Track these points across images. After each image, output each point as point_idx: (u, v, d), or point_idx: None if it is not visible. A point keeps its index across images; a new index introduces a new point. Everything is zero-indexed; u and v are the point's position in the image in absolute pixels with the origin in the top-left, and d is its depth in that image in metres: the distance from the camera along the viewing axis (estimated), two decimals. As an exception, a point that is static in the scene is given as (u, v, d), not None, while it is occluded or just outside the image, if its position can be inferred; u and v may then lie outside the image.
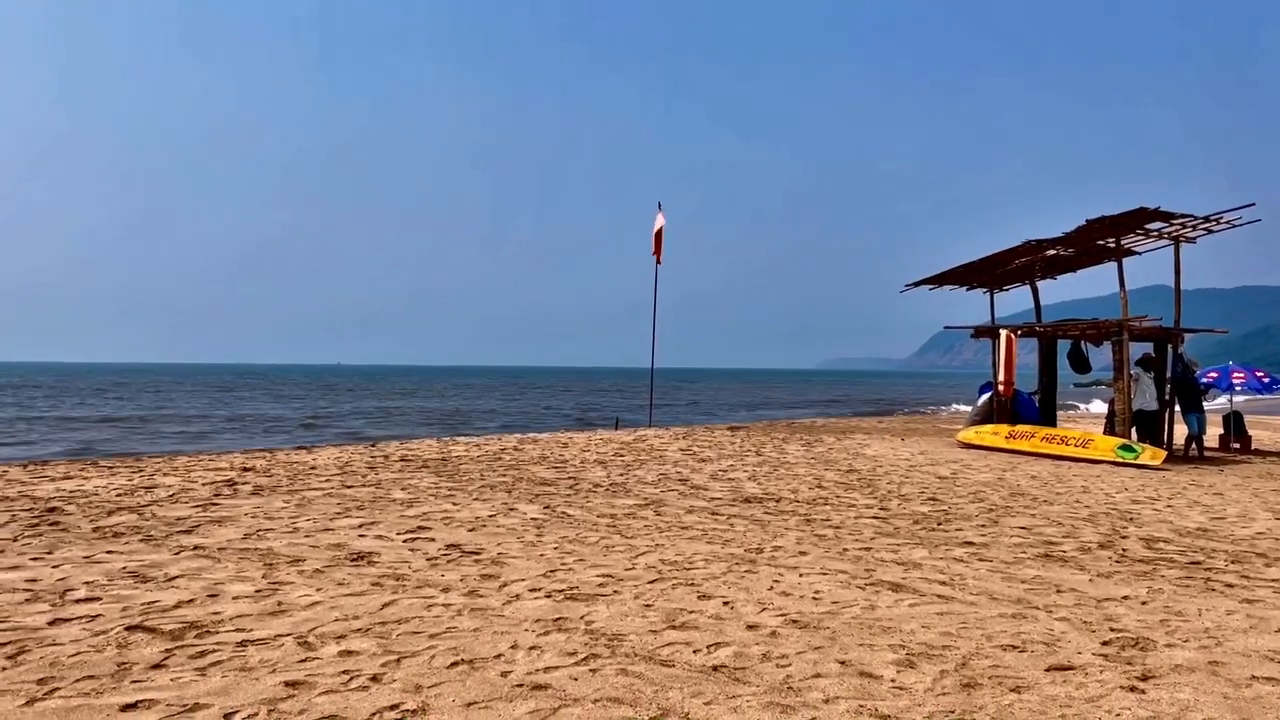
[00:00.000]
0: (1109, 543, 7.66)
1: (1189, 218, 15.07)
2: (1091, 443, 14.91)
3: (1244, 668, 4.42)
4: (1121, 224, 15.16)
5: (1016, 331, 17.33)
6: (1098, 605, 5.57)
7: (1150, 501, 10.21)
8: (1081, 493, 10.76)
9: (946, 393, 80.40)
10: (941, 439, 17.88)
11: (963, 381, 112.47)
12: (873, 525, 8.17)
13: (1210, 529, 8.55)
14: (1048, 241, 16.35)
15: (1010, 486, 11.12)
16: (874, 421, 24.81)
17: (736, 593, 5.61)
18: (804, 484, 10.78)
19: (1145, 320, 15.77)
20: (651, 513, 8.48)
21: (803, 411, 47.24)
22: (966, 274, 18.67)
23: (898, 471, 12.31)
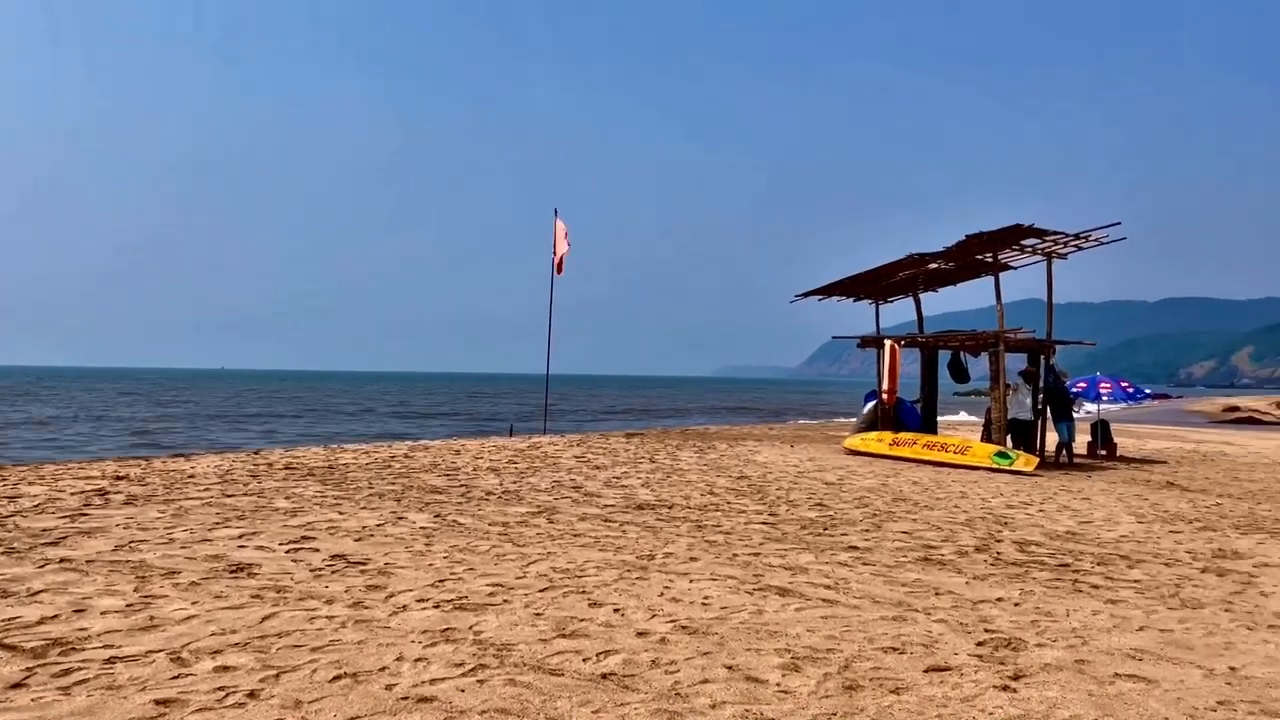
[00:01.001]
0: (985, 546, 7.96)
1: (1060, 235, 15.82)
2: (969, 450, 15.49)
3: (1108, 666, 4.65)
4: (999, 240, 15.82)
5: (900, 342, 17.88)
6: (974, 607, 5.79)
7: (1023, 506, 10.65)
8: (960, 498, 11.16)
9: (835, 400, 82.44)
10: (829, 446, 18.31)
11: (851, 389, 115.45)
12: (762, 531, 8.30)
13: (1078, 532, 8.97)
14: (930, 255, 16.94)
15: (893, 492, 11.46)
16: (765, 428, 25.26)
17: (627, 600, 5.62)
18: (696, 491, 10.89)
19: (1020, 332, 16.48)
20: (544, 520, 8.44)
21: (698, 418, 47.73)
22: (853, 286, 19.19)
23: (787, 478, 12.54)
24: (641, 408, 65.96)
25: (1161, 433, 31.06)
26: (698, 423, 36.75)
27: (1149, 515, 10.34)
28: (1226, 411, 62.64)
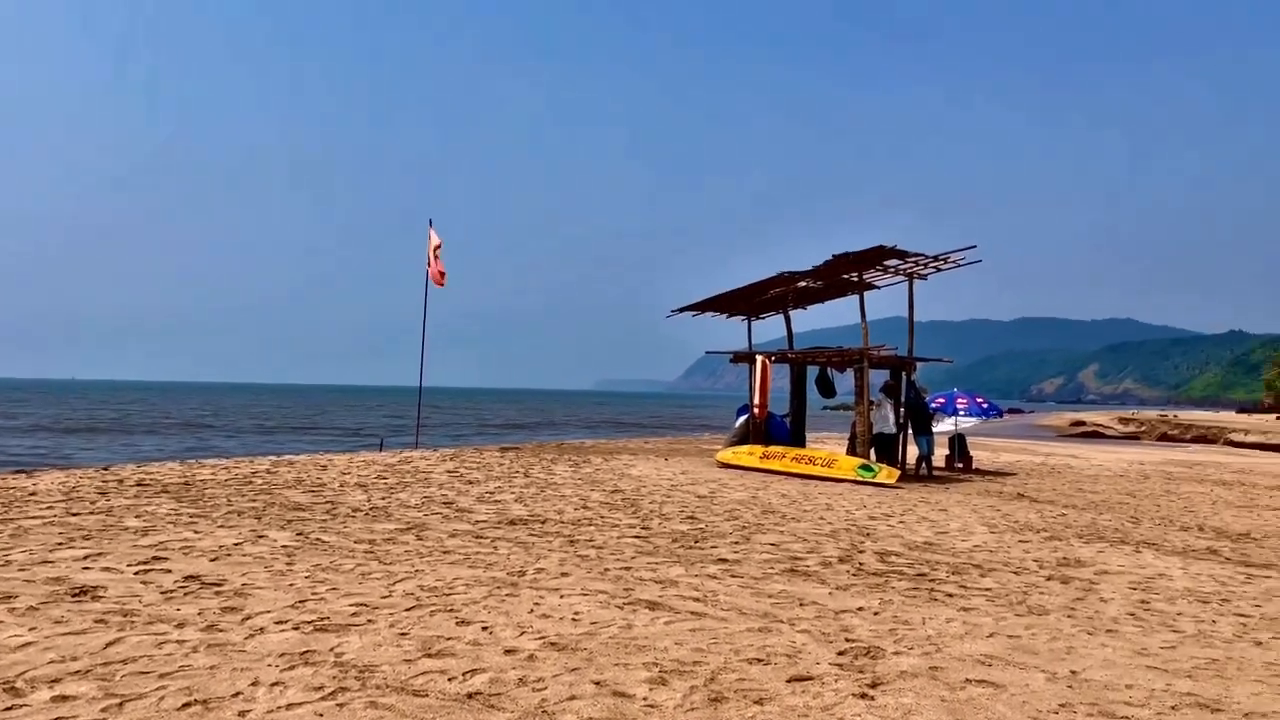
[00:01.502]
0: (848, 557, 8.20)
1: (921, 256, 16.49)
2: (835, 463, 15.95)
3: (960, 672, 4.85)
4: (863, 260, 16.39)
5: (771, 358, 18.30)
6: (836, 617, 5.95)
7: (885, 518, 11.03)
8: (825, 510, 11.47)
9: (710, 414, 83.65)
10: (702, 459, 18.55)
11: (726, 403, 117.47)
12: (634, 545, 8.34)
13: (935, 542, 9.34)
14: (799, 274, 17.41)
15: (762, 505, 11.69)
16: (641, 442, 25.41)
17: (496, 617, 5.56)
18: (570, 505, 10.86)
19: (883, 349, 17.10)
20: (413, 537, 8.27)
21: (574, 432, 47.69)
22: (727, 302, 19.55)
23: (660, 491, 12.65)
24: (518, 421, 65.51)
25: (1014, 446, 32.68)
26: (574, 436, 36.70)
27: (1001, 525, 10.85)
28: (1073, 426, 66.37)
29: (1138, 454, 32.23)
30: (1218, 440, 48.81)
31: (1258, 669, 5.18)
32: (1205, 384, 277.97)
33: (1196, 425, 58.29)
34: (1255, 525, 12.46)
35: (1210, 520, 12.78)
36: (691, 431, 43.80)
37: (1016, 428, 62.66)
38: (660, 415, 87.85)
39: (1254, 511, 14.24)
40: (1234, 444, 45.52)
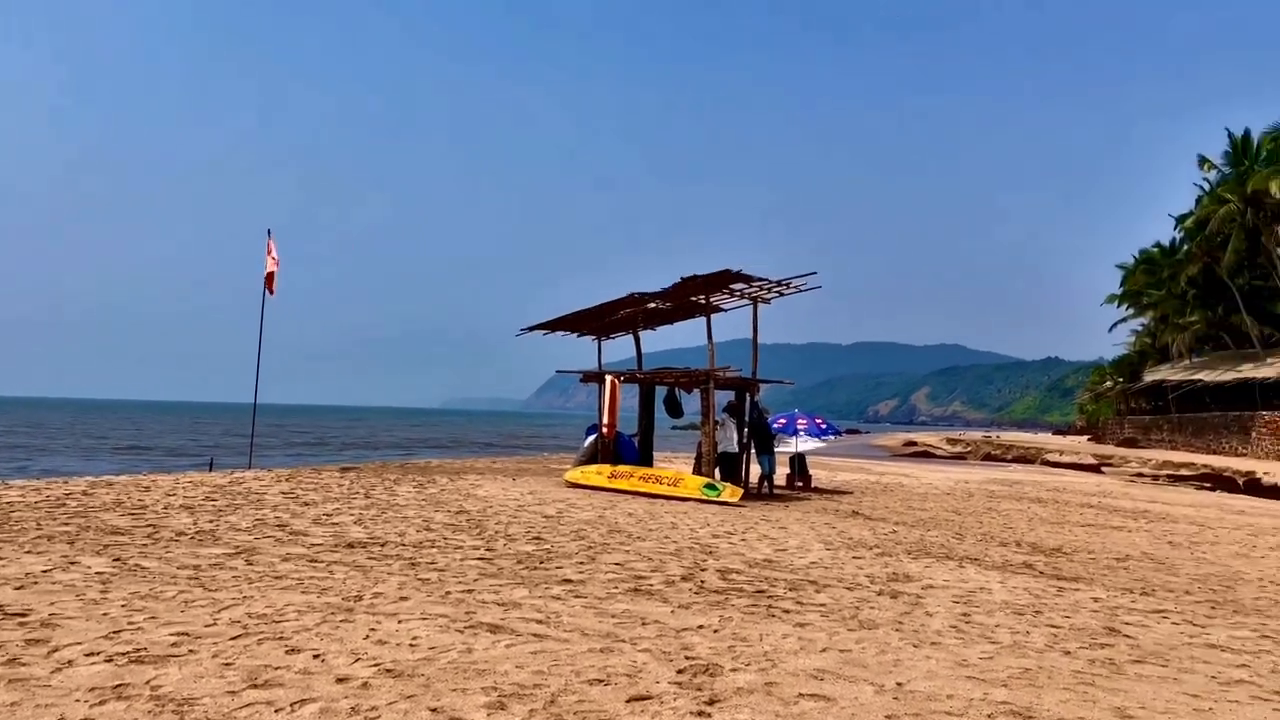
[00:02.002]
0: (691, 575, 8.32)
1: (765, 281, 16.98)
2: (682, 482, 16.19)
3: (794, 686, 4.98)
4: (710, 283, 16.74)
5: (620, 377, 18.43)
6: (677, 635, 6.01)
7: (727, 536, 11.25)
8: (670, 529, 11.61)
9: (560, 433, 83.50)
10: (551, 479, 18.47)
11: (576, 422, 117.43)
12: (477, 567, 8.22)
13: (775, 560, 9.58)
14: (649, 295, 17.64)
15: (609, 524, 11.73)
16: (489, 461, 25.09)
17: (329, 644, 5.36)
18: (412, 527, 10.61)
19: (729, 371, 17.49)
20: (242, 562, 7.89)
21: (420, 451, 46.66)
22: (577, 321, 19.61)
23: (506, 511, 12.51)
24: (362, 440, 63.64)
25: (851, 465, 33.97)
26: (420, 456, 35.91)
27: (836, 542, 11.24)
28: (906, 446, 69.55)
29: (964, 473, 34.05)
30: (1035, 460, 52.09)
31: (1066, 677, 5.53)
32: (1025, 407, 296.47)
33: (1017, 446, 62.09)
34: (1066, 540, 13.34)
35: (1027, 536, 13.61)
36: (541, 451, 43.58)
37: (854, 447, 65.19)
38: (510, 434, 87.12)
39: (1065, 528, 15.25)
40: (1049, 464, 48.67)
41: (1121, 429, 69.03)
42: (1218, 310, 59.26)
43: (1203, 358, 61.16)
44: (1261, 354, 54.10)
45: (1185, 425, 58.17)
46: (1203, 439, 54.69)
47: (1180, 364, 62.68)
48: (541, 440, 67.78)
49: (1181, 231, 62.30)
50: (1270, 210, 49.81)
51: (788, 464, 21.06)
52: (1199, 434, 55.59)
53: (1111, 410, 75.88)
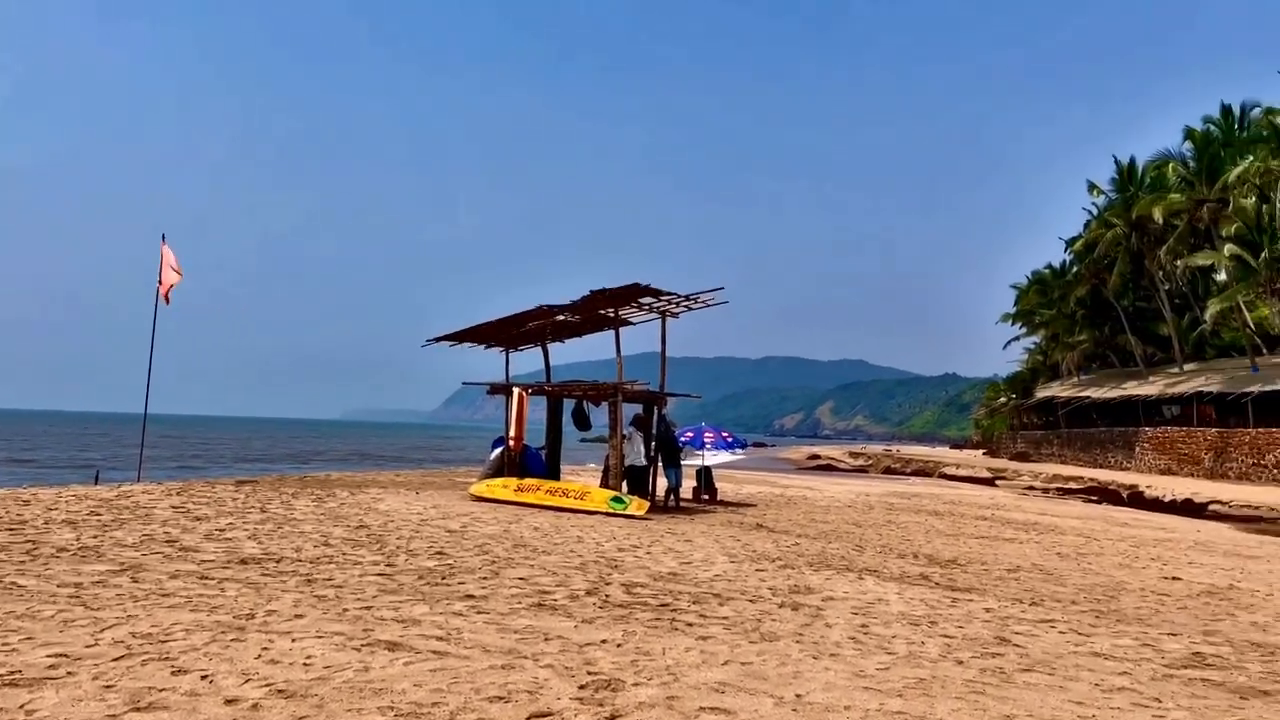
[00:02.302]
0: (595, 589, 8.28)
1: (673, 295, 17.11)
2: (588, 495, 16.15)
3: (695, 700, 4.99)
4: (619, 297, 16.79)
5: (528, 390, 18.32)
6: (580, 650, 5.98)
7: (633, 549, 11.25)
8: (576, 542, 11.55)
9: (467, 445, 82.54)
10: (456, 492, 18.22)
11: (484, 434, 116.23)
12: (377, 583, 8.04)
13: (679, 573, 9.62)
14: (558, 308, 17.59)
15: (514, 538, 11.62)
16: (392, 475, 24.62)
17: (219, 664, 5.17)
18: (310, 542, 10.32)
19: (637, 384, 17.55)
20: (127, 579, 7.56)
21: (320, 464, 45.56)
22: (484, 333, 19.43)
23: (409, 526, 12.28)
24: (259, 453, 61.83)
25: (756, 478, 34.39)
26: (320, 469, 35.07)
27: (740, 555, 11.35)
28: (810, 459, 70.82)
29: (865, 486, 34.79)
30: (933, 473, 53.60)
31: (958, 686, 5.67)
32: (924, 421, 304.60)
33: (916, 460, 63.78)
34: (961, 552, 13.72)
35: (924, 548, 13.96)
36: (447, 464, 43.00)
37: (759, 460, 66.06)
38: (415, 446, 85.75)
39: (961, 540, 15.69)
40: (946, 477, 50.15)
41: (1014, 443, 71.53)
42: (1105, 330, 61.99)
43: (1090, 375, 63.90)
44: (1145, 372, 56.77)
45: (1074, 440, 60.59)
46: (1090, 453, 57.04)
47: (1070, 381, 65.35)
48: (447, 453, 66.90)
49: (1071, 254, 65.09)
50: (1153, 235, 52.35)
51: (694, 477, 21.20)
52: (1087, 449, 57.97)
53: (1005, 425, 78.57)
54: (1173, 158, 52.56)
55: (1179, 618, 9.00)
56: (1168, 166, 52.55)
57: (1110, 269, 56.70)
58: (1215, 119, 51.08)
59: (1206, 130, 50.80)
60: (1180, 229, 49.70)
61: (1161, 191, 50.91)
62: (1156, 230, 51.61)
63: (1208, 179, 48.03)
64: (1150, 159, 54.90)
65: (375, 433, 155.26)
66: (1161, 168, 53.19)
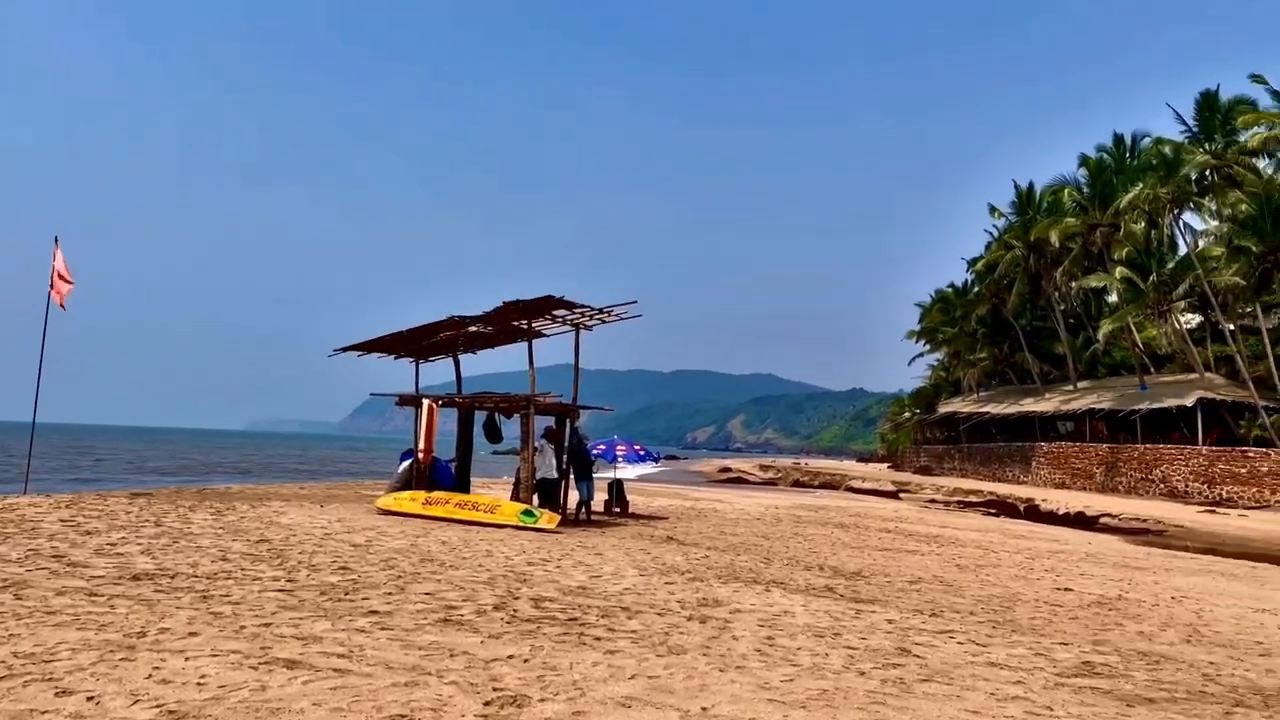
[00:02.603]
0: (503, 604, 8.21)
1: (587, 308, 17.12)
2: (499, 508, 16.01)
3: (601, 715, 4.99)
4: (532, 309, 16.73)
5: (438, 401, 18.09)
6: (485, 666, 5.92)
7: (543, 563, 11.19)
8: (485, 557, 11.44)
9: (376, 458, 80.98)
10: (362, 505, 17.86)
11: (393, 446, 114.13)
12: (277, 599, 7.83)
13: (589, 586, 9.60)
14: (470, 318, 17.43)
15: (421, 553, 11.44)
16: (295, 487, 24.01)
17: (106, 685, 4.98)
18: (207, 557, 10.00)
19: (549, 396, 17.48)
20: (10, 597, 7.22)
21: (221, 476, 44.18)
22: (394, 343, 19.14)
23: (312, 540, 12.00)
24: (156, 464, 59.66)
25: (668, 491, 34.55)
26: (221, 481, 34.03)
27: (650, 568, 11.38)
28: (721, 472, 71.40)
29: (774, 498, 35.24)
30: (840, 486, 54.55)
31: (860, 697, 5.79)
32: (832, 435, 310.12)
33: (824, 473, 64.87)
34: (865, 564, 14.00)
35: (829, 560, 14.20)
36: (353, 476, 42.14)
37: (672, 473, 66.35)
38: (322, 458, 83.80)
39: (865, 552, 16.01)
40: (853, 490, 51.09)
41: (918, 457, 73.39)
42: (1004, 348, 64.14)
43: (990, 392, 66.00)
44: (1041, 389, 58.88)
45: (974, 454, 62.46)
46: (989, 467, 58.86)
47: (971, 397, 67.38)
48: (354, 465, 65.60)
49: (973, 274, 67.26)
50: (1050, 257, 54.43)
51: (606, 490, 21.19)
52: (986, 463, 59.80)
53: (910, 440, 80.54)
54: (1068, 183, 54.80)
55: (1070, 628, 9.34)
56: (1064, 192, 54.74)
57: (1009, 289, 58.75)
58: (1108, 147, 53.42)
59: (1100, 158, 53.11)
60: (1075, 252, 51.80)
61: (1058, 215, 52.99)
62: (1053, 252, 53.69)
63: (1101, 204, 50.18)
64: (1048, 184, 57.12)
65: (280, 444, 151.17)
66: (1058, 193, 55.37)
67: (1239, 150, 44.45)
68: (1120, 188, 48.74)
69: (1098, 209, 50.41)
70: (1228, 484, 40.51)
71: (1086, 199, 51.90)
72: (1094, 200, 51.01)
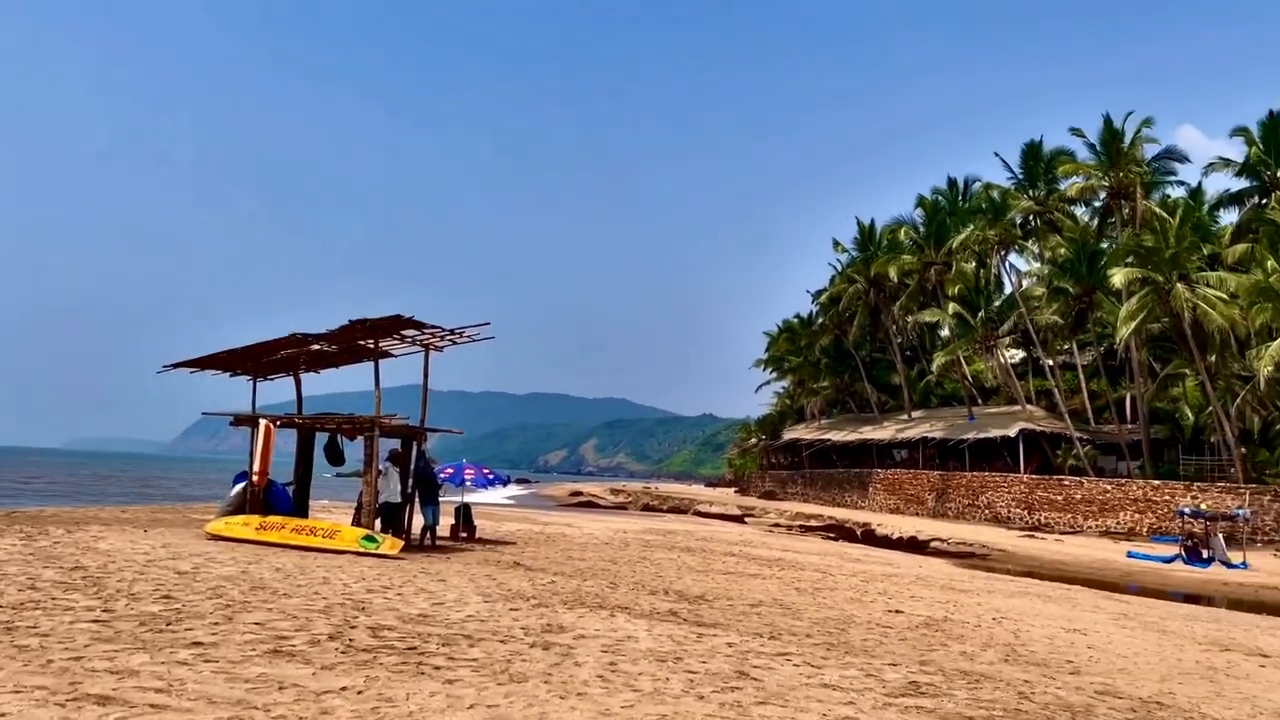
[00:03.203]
0: (339, 633, 7.93)
1: (438, 329, 16.84)
2: (338, 534, 15.48)
3: (435, 745, 4.87)
4: (380, 328, 16.33)
5: (276, 421, 17.39)
6: (317, 699, 5.70)
7: (383, 590, 10.88)
8: (321, 584, 11.03)
9: (209, 479, 77.07)
10: (190, 530, 16.94)
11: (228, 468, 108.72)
12: (90, 630, 7.32)
13: (430, 614, 9.39)
14: (312, 336, 16.87)
15: (253, 580, 10.94)
16: (117, 510, 22.56)
17: (-116, 731, 4.54)
18: (13, 585, 9.27)
19: (395, 418, 17.07)
20: None
21: (34, 498, 41.16)
22: (230, 360, 18.33)
23: (133, 567, 11.29)
24: (-41, 483, 55.02)
25: (517, 515, 34.23)
26: (34, 503, 31.66)
27: (495, 594, 11.23)
28: (572, 496, 71.33)
29: (624, 523, 35.42)
30: (688, 511, 55.31)
31: (697, 720, 5.86)
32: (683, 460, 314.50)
33: (673, 497, 65.72)
34: (709, 588, 14.23)
35: (675, 584, 14.36)
36: (183, 499, 39.98)
37: (523, 497, 65.85)
38: (148, 480, 79.19)
39: (709, 576, 16.27)
40: (700, 514, 51.89)
41: (763, 482, 75.29)
42: (845, 377, 66.70)
43: (832, 419, 68.44)
44: (879, 418, 61.48)
45: (816, 480, 64.55)
46: (830, 493, 60.93)
47: (814, 424, 69.67)
48: (185, 487, 62.28)
49: (818, 306, 69.86)
50: (889, 292, 57.14)
51: (453, 514, 20.82)
52: (827, 488, 61.89)
53: (756, 465, 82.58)
54: (906, 223, 57.72)
55: (900, 649, 9.74)
56: (901, 230, 57.61)
57: (851, 321, 61.29)
58: (943, 190, 56.68)
59: (935, 199, 56.27)
60: (912, 288, 54.55)
61: (896, 252, 55.72)
62: (892, 287, 56.39)
63: (936, 243, 53.08)
64: (887, 223, 60.01)
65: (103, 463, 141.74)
66: (896, 231, 58.23)
67: (1059, 198, 47.92)
68: (953, 228, 51.74)
69: (932, 248, 53.29)
70: (1045, 510, 43.23)
71: (922, 238, 54.79)
72: (929, 239, 53.91)
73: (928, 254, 53.53)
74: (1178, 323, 37.50)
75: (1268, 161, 42.21)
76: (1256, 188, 43.51)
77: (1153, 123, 44.02)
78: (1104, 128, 43.96)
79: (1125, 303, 39.19)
